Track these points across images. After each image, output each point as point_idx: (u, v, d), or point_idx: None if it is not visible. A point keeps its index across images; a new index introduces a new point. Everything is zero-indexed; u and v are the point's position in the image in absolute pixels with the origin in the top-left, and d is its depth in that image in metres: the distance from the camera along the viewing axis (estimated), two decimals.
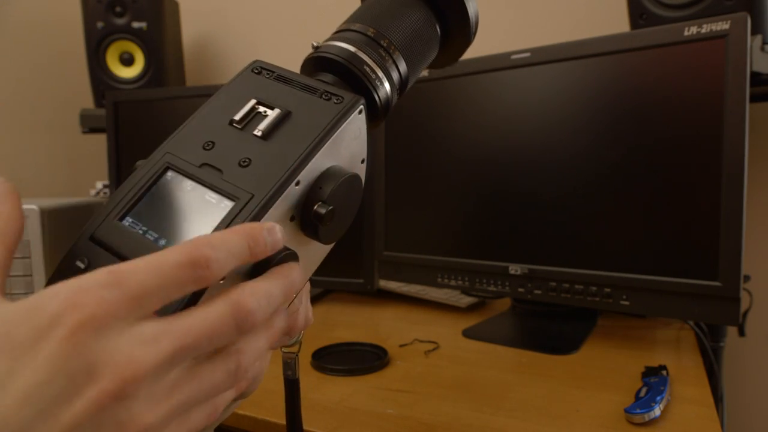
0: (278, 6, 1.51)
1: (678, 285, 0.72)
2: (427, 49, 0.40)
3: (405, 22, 0.39)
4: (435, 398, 0.65)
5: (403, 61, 0.38)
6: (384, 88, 0.37)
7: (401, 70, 0.38)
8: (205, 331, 0.22)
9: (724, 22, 0.68)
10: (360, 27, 0.38)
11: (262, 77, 0.35)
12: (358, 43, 0.37)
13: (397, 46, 0.38)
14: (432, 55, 0.41)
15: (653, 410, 0.57)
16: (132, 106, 1.18)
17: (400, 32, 0.38)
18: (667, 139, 0.73)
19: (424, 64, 0.40)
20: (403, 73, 0.38)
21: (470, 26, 0.41)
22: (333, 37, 0.39)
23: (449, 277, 0.94)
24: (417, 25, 0.39)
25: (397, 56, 0.37)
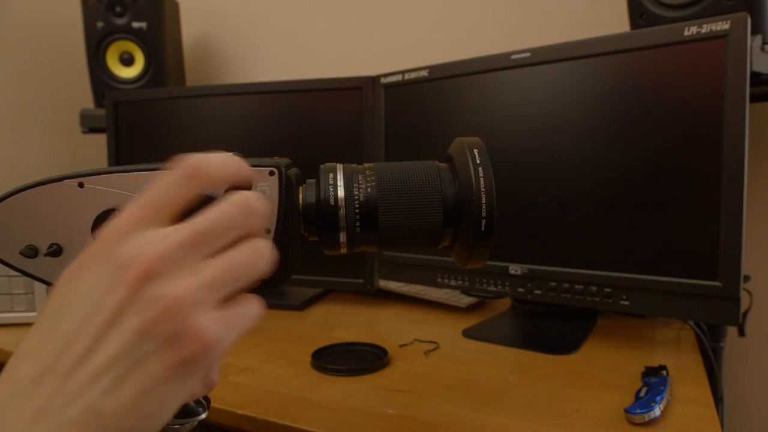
0: (278, 6, 1.51)
1: (678, 285, 0.72)
2: (414, 201, 0.37)
3: (404, 169, 0.38)
4: (435, 398, 0.65)
5: (375, 193, 0.37)
6: (335, 199, 0.36)
7: (369, 200, 0.36)
8: (214, 220, 0.27)
9: (724, 22, 0.68)
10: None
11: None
12: (347, 165, 0.39)
13: (377, 178, 0.37)
14: (421, 213, 0.37)
15: (653, 410, 0.57)
16: (132, 106, 1.18)
17: (390, 172, 0.38)
18: (667, 139, 0.73)
19: (406, 217, 0.37)
20: (371, 204, 0.36)
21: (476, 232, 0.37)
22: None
23: (449, 277, 0.94)
24: (413, 174, 0.38)
25: (372, 186, 0.37)
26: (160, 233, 0.26)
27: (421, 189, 0.37)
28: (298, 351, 0.80)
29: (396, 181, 0.37)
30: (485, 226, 0.37)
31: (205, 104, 1.12)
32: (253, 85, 1.10)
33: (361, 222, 0.37)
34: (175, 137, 1.15)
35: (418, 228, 0.37)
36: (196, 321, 0.25)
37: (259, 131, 1.09)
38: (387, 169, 0.38)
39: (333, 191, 0.37)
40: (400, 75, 0.98)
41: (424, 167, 0.38)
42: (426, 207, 0.37)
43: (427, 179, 0.38)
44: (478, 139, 0.39)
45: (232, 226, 0.27)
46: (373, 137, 1.01)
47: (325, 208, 0.37)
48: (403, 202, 0.37)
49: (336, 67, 1.44)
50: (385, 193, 0.37)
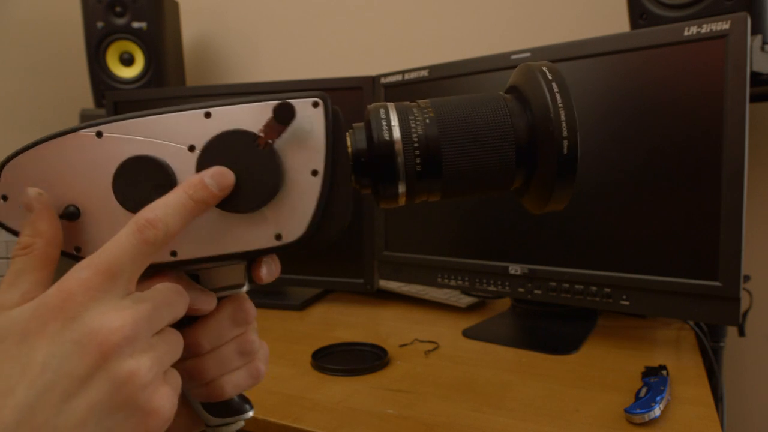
0: (278, 6, 1.51)
1: (678, 285, 0.72)
2: (481, 135, 0.32)
3: (464, 101, 0.33)
4: (435, 398, 0.65)
5: (436, 126, 0.32)
6: (389, 133, 0.32)
7: (429, 133, 0.32)
8: (162, 298, 0.28)
9: (724, 22, 0.67)
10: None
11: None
12: (398, 102, 0.34)
13: (435, 110, 0.33)
14: (490, 150, 0.32)
15: (653, 410, 0.57)
16: (132, 106, 1.18)
17: (449, 104, 0.33)
18: (667, 139, 0.73)
19: (474, 155, 0.32)
20: (432, 138, 0.32)
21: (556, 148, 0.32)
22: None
23: (449, 277, 0.94)
24: (476, 106, 0.33)
25: (431, 117, 0.32)
26: (120, 305, 0.26)
27: (488, 121, 0.32)
28: (298, 351, 0.80)
29: (458, 114, 0.32)
30: (568, 149, 0.31)
31: None
32: (253, 85, 1.10)
33: (423, 165, 0.32)
34: None
35: (489, 167, 0.32)
36: (161, 393, 0.26)
37: None
38: (445, 102, 0.33)
39: (387, 129, 0.32)
40: (400, 75, 0.98)
41: (487, 98, 0.34)
42: (496, 141, 0.32)
43: (494, 109, 0.33)
44: (549, 63, 0.34)
45: (175, 309, 0.29)
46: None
47: (379, 152, 0.32)
48: (469, 137, 0.32)
49: (336, 67, 1.44)
50: (447, 128, 0.32)
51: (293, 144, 0.30)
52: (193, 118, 0.30)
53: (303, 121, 0.30)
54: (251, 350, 0.35)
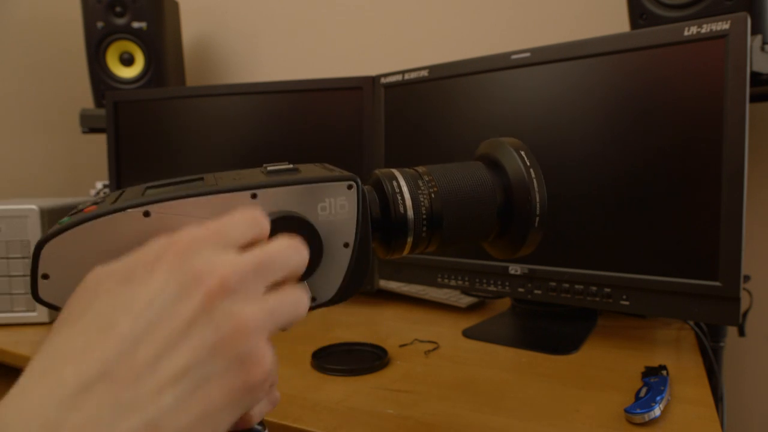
0: (278, 6, 1.51)
1: (678, 285, 0.72)
2: (473, 204, 0.40)
3: (457, 172, 0.41)
4: (435, 398, 0.65)
5: (440, 200, 0.39)
6: (404, 207, 0.39)
7: (434, 206, 0.39)
8: (277, 252, 0.28)
9: (724, 22, 0.67)
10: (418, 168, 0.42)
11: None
12: (401, 170, 0.41)
13: (437, 183, 0.40)
14: (479, 215, 0.41)
15: (653, 410, 0.57)
16: (132, 106, 1.18)
17: (447, 177, 0.41)
18: (667, 139, 0.73)
19: (467, 220, 0.41)
20: (436, 211, 0.39)
21: (531, 216, 0.41)
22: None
23: (449, 277, 0.94)
24: (467, 178, 0.41)
25: (435, 192, 0.40)
26: (231, 255, 0.26)
27: (477, 191, 0.41)
28: (298, 351, 0.80)
29: (454, 185, 0.40)
30: (539, 223, 0.41)
31: (205, 104, 1.12)
32: (253, 85, 1.10)
33: (428, 227, 0.39)
34: (175, 137, 1.15)
35: (477, 229, 0.41)
36: (263, 347, 0.25)
37: (259, 131, 1.09)
38: (442, 173, 0.41)
39: (401, 199, 0.39)
40: (400, 75, 0.98)
41: (475, 169, 0.42)
42: (483, 208, 0.41)
43: (482, 181, 0.41)
44: (518, 140, 0.43)
45: (289, 263, 0.28)
46: (373, 137, 1.01)
47: (395, 217, 0.39)
48: (465, 207, 0.40)
49: (336, 67, 1.44)
50: (447, 197, 0.40)
51: (330, 221, 0.35)
52: (241, 198, 0.33)
53: (339, 203, 0.35)
54: (274, 380, 0.36)
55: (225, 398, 0.23)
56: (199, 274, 0.24)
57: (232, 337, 0.24)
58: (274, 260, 0.27)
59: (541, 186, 0.41)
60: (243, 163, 1.10)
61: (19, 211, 0.97)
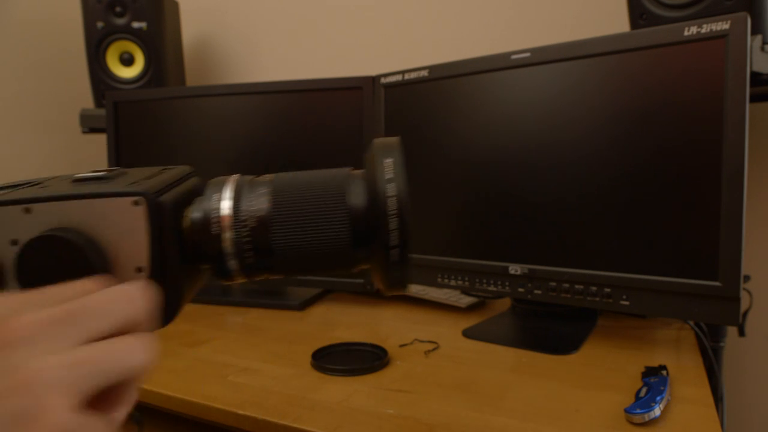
0: (278, 6, 1.51)
1: (678, 285, 0.72)
2: (313, 226, 0.31)
3: (306, 183, 0.32)
4: (435, 398, 0.65)
5: (270, 219, 0.31)
6: (219, 227, 0.31)
7: (260, 228, 0.31)
8: (94, 301, 0.24)
9: (724, 22, 0.67)
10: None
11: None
12: (239, 178, 0.33)
13: (274, 198, 0.31)
14: (324, 240, 0.31)
15: (653, 410, 0.57)
16: (132, 106, 1.18)
17: (288, 189, 0.32)
18: (667, 139, 0.73)
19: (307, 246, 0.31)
20: (261, 233, 0.31)
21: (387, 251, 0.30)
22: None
23: (449, 277, 0.94)
24: (316, 191, 0.31)
25: (267, 209, 0.31)
26: (33, 307, 0.23)
27: (321, 201, 0.31)
28: (298, 351, 0.80)
29: (294, 193, 0.31)
30: (399, 256, 0.30)
31: (205, 104, 1.12)
32: (253, 85, 1.10)
33: (254, 245, 0.31)
34: (175, 137, 1.14)
35: (322, 248, 0.31)
36: (52, 401, 0.20)
37: (259, 131, 1.09)
38: (286, 179, 0.32)
39: (216, 211, 0.31)
40: (400, 75, 0.98)
41: (330, 175, 0.32)
42: (328, 221, 0.31)
43: (331, 189, 0.31)
44: (394, 140, 0.33)
45: (112, 313, 0.24)
46: (373, 137, 1.01)
47: (207, 231, 0.31)
48: (300, 217, 0.31)
49: (336, 67, 1.44)
50: (280, 208, 0.31)
51: (116, 241, 0.30)
52: (13, 213, 0.29)
53: (126, 220, 0.30)
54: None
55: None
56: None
57: (8, 393, 0.20)
58: (85, 311, 0.24)
59: (403, 205, 0.30)
60: (243, 162, 1.10)
61: None
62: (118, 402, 0.24)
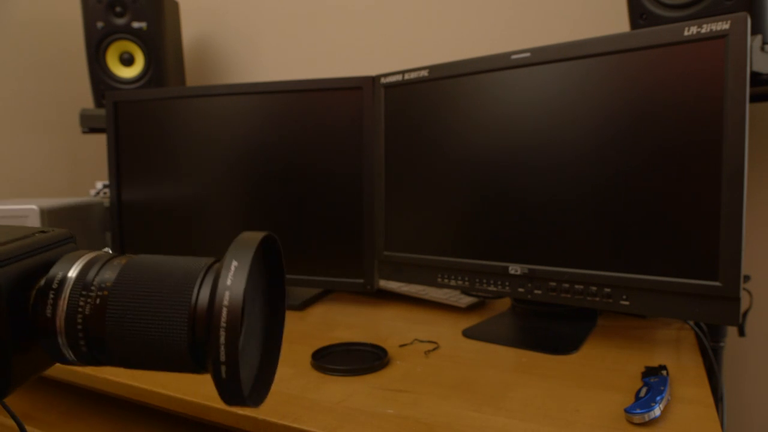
0: (278, 6, 1.51)
1: (678, 285, 0.72)
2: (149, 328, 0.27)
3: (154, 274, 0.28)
4: (435, 398, 0.65)
5: (104, 308, 0.28)
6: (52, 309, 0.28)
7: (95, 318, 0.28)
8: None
9: (724, 22, 0.68)
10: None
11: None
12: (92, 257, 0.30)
13: (114, 284, 0.28)
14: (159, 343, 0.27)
15: (653, 410, 0.57)
16: (132, 106, 1.18)
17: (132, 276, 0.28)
18: (667, 138, 0.73)
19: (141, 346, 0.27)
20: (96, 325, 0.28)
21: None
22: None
23: (449, 277, 0.94)
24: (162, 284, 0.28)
25: (103, 296, 0.28)
26: None
27: (166, 291, 0.27)
28: (298, 351, 0.80)
29: (139, 280, 0.28)
30: (225, 370, 0.25)
31: (205, 104, 1.12)
32: (253, 85, 1.10)
33: (87, 343, 0.28)
34: (175, 137, 1.15)
35: (156, 348, 0.27)
36: None
37: (259, 131, 1.09)
38: (139, 263, 0.29)
39: (53, 298, 0.28)
40: (400, 75, 0.98)
41: (187, 266, 0.28)
42: (165, 320, 0.27)
43: (178, 282, 0.28)
44: (256, 236, 0.28)
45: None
46: (373, 137, 1.01)
47: (43, 313, 0.28)
48: (138, 310, 0.27)
49: (336, 67, 1.44)
50: (119, 296, 0.28)
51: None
52: None
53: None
54: None
55: None
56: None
57: None
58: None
59: (232, 318, 0.25)
60: (243, 163, 1.10)
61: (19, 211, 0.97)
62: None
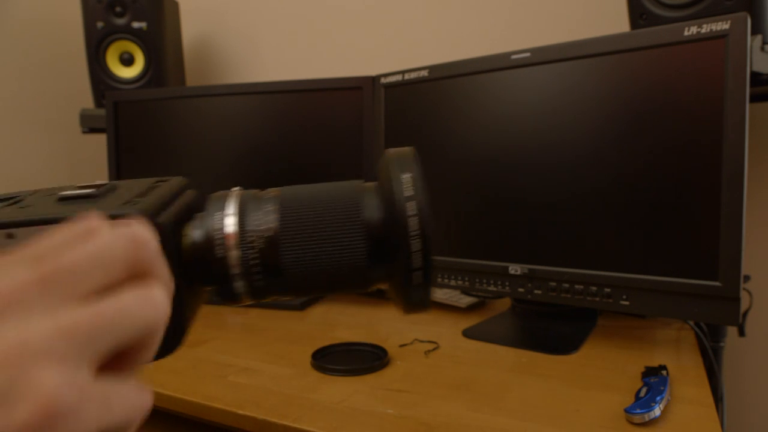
0: (278, 6, 1.51)
1: (678, 285, 0.72)
2: (326, 244, 0.29)
3: (315, 198, 0.30)
4: (435, 398, 0.65)
5: (279, 237, 0.29)
6: (223, 248, 0.29)
7: (270, 247, 0.29)
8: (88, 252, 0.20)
9: (724, 22, 0.67)
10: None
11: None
12: (243, 193, 0.31)
13: (282, 214, 0.29)
14: (338, 259, 0.29)
15: (653, 410, 0.57)
16: (132, 106, 1.18)
17: (297, 204, 0.30)
18: (667, 138, 0.73)
19: (320, 265, 0.29)
20: (271, 253, 0.29)
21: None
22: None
23: (449, 277, 0.94)
24: (327, 206, 0.29)
25: (275, 227, 0.29)
26: (11, 269, 0.19)
27: (334, 217, 0.29)
28: (298, 351, 0.80)
29: (303, 209, 0.29)
30: (424, 277, 0.28)
31: (205, 104, 1.12)
32: (253, 85, 1.10)
33: (262, 265, 0.29)
34: (175, 137, 1.15)
35: (336, 268, 0.29)
36: (41, 373, 0.17)
37: (259, 131, 1.09)
38: (294, 193, 0.30)
39: (220, 230, 0.29)
40: (400, 75, 0.98)
41: (342, 188, 0.30)
42: (341, 240, 0.29)
43: (344, 204, 0.29)
44: (409, 149, 0.31)
45: (111, 260, 0.20)
46: (373, 137, 1.01)
47: (211, 251, 0.29)
48: (312, 235, 0.29)
49: (336, 67, 1.44)
50: (289, 225, 0.29)
51: None
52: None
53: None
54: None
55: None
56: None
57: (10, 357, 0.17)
58: (79, 264, 0.20)
59: (426, 225, 0.28)
60: (243, 163, 1.10)
61: None
62: (133, 363, 0.21)
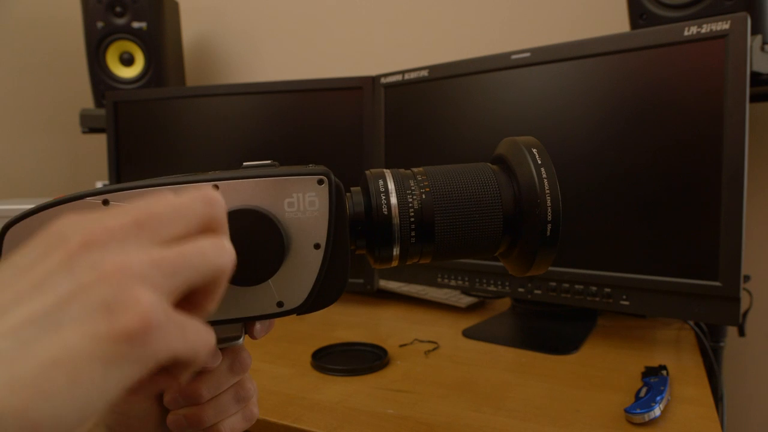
0: (278, 6, 1.51)
1: (678, 285, 0.72)
2: (471, 208, 0.35)
3: (456, 172, 0.36)
4: (435, 398, 0.65)
5: (431, 201, 0.35)
6: (387, 208, 0.34)
7: (425, 209, 0.34)
8: (172, 204, 0.24)
9: (724, 22, 0.67)
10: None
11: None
12: (394, 170, 0.36)
13: (431, 184, 0.35)
14: (479, 221, 0.35)
15: (653, 410, 0.57)
16: (132, 106, 1.18)
17: (443, 177, 0.36)
18: (667, 139, 0.73)
19: (464, 226, 0.35)
20: (426, 214, 0.34)
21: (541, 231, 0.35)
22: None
23: (449, 277, 0.94)
24: (467, 179, 0.36)
25: (427, 193, 0.35)
26: (111, 214, 0.23)
27: (478, 193, 0.35)
28: (298, 351, 0.80)
29: (451, 186, 0.35)
30: (550, 231, 0.35)
31: (205, 104, 1.12)
32: (254, 85, 1.10)
33: (417, 232, 0.34)
34: (175, 137, 1.14)
35: (477, 236, 0.35)
36: (139, 292, 0.20)
37: (259, 131, 1.09)
38: (439, 173, 0.36)
39: (385, 199, 0.34)
40: (400, 75, 0.98)
41: (479, 170, 0.37)
42: (485, 213, 0.35)
43: (484, 182, 0.36)
44: (533, 138, 0.38)
45: (190, 214, 0.24)
46: (373, 137, 1.01)
47: (377, 219, 0.34)
48: (461, 208, 0.35)
49: (336, 67, 1.44)
50: (441, 199, 0.35)
51: (298, 219, 0.32)
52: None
53: (308, 199, 0.32)
54: (247, 396, 0.36)
55: (87, 346, 0.20)
56: (67, 233, 0.22)
57: (93, 284, 0.20)
58: (165, 213, 0.24)
59: (553, 188, 0.35)
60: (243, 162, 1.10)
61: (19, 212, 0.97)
62: (202, 305, 0.24)
